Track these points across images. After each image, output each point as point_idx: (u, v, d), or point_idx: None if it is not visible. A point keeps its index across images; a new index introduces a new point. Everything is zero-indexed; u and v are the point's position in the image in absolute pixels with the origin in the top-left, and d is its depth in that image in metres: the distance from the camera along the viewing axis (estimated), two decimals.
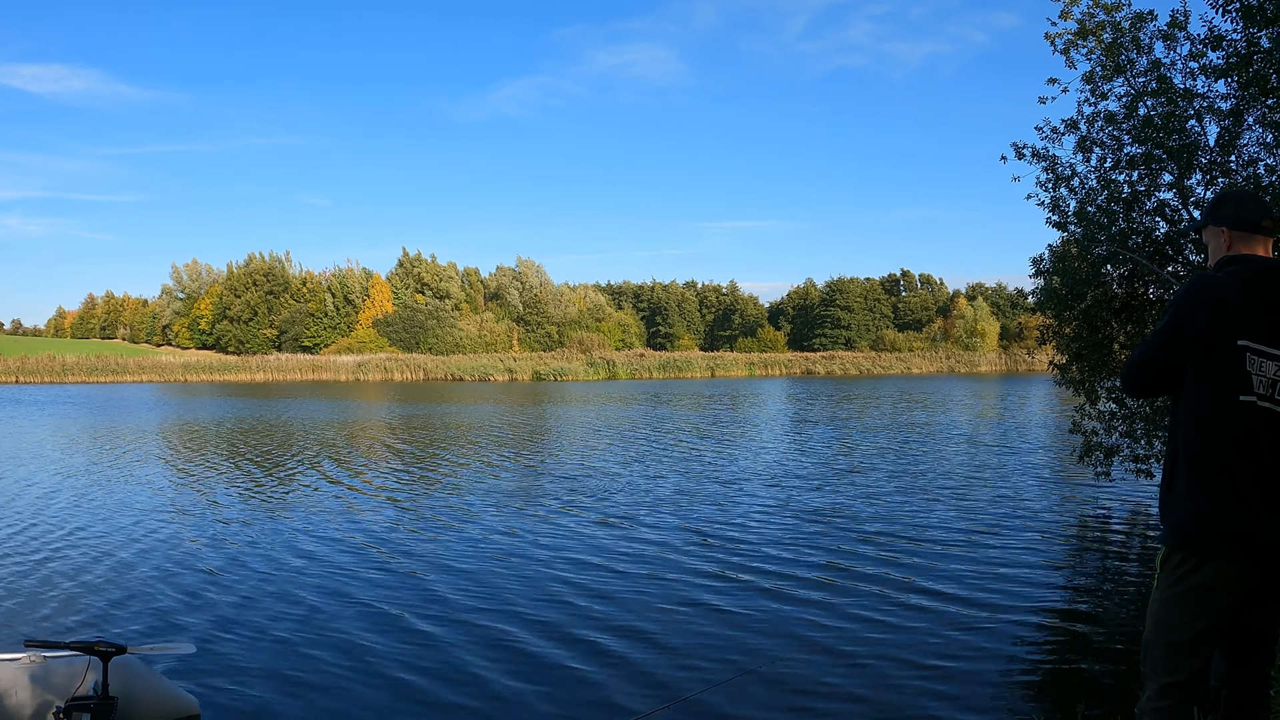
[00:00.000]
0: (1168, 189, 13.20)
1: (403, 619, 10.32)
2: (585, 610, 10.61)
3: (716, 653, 9.13)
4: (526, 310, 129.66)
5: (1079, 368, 15.07)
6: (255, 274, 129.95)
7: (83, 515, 16.58)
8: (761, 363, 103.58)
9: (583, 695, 8.13)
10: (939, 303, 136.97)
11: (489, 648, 9.36)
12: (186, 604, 10.93)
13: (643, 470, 22.19)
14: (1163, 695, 3.61)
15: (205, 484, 20.47)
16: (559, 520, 15.81)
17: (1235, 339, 3.52)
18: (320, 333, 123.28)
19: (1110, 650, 9.24)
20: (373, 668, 8.80)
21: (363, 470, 22.89)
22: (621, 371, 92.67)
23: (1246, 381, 3.50)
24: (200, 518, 16.34)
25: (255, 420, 38.88)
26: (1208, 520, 3.50)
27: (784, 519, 15.77)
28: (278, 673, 8.66)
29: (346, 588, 11.66)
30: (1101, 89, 13.51)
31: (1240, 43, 11.56)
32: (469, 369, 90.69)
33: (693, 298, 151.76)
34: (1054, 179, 14.19)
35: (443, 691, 8.21)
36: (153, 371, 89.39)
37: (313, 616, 10.44)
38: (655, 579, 11.91)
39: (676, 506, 17.05)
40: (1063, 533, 14.89)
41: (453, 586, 11.68)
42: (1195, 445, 3.60)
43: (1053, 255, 15.27)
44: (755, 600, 10.91)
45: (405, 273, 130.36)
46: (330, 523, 15.81)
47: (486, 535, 14.63)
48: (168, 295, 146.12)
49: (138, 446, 28.54)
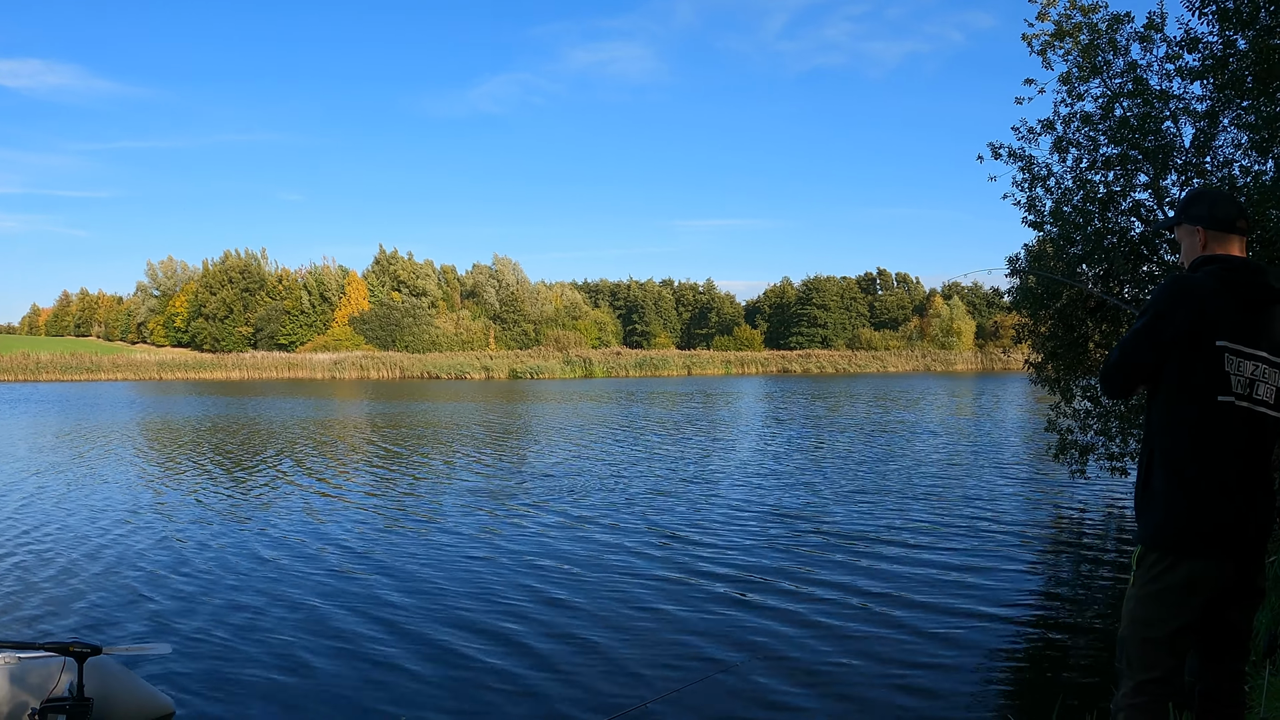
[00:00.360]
0: (1143, 189, 13.27)
1: (377, 620, 10.29)
2: (549, 614, 10.55)
3: (678, 660, 9.00)
4: (503, 308, 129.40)
5: (1054, 366, 15.12)
6: (231, 271, 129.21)
7: (55, 514, 16.45)
8: (738, 361, 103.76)
9: (547, 697, 8.11)
10: (915, 301, 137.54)
11: (463, 644, 9.34)
12: (161, 604, 10.85)
13: (612, 470, 22.17)
14: (1139, 692, 3.63)
15: (179, 484, 20.34)
16: (526, 521, 15.78)
17: (1214, 339, 3.53)
18: (296, 330, 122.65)
19: (1086, 649, 9.30)
20: (347, 667, 8.77)
21: (335, 470, 22.80)
22: (598, 370, 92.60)
23: (1225, 381, 3.53)
24: (174, 518, 16.23)
25: (229, 419, 38.65)
26: (1185, 520, 3.52)
27: (753, 520, 15.74)
28: (252, 672, 8.61)
29: (320, 588, 11.61)
30: (1078, 90, 13.57)
31: (1216, 45, 11.64)
32: (445, 367, 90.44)
33: (669, 296, 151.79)
34: (1030, 179, 14.23)
35: (411, 691, 8.19)
36: (128, 369, 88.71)
37: (287, 616, 10.39)
38: (619, 582, 11.81)
39: (645, 508, 17.02)
40: (1038, 531, 14.98)
41: (422, 588, 11.65)
42: (1174, 445, 3.62)
43: (1029, 255, 15.33)
44: (720, 606, 10.78)
45: (382, 270, 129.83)
46: (304, 523, 15.73)
47: (459, 538, 14.59)
48: (143, 292, 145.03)
49: (110, 445, 28.33)
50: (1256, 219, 10.20)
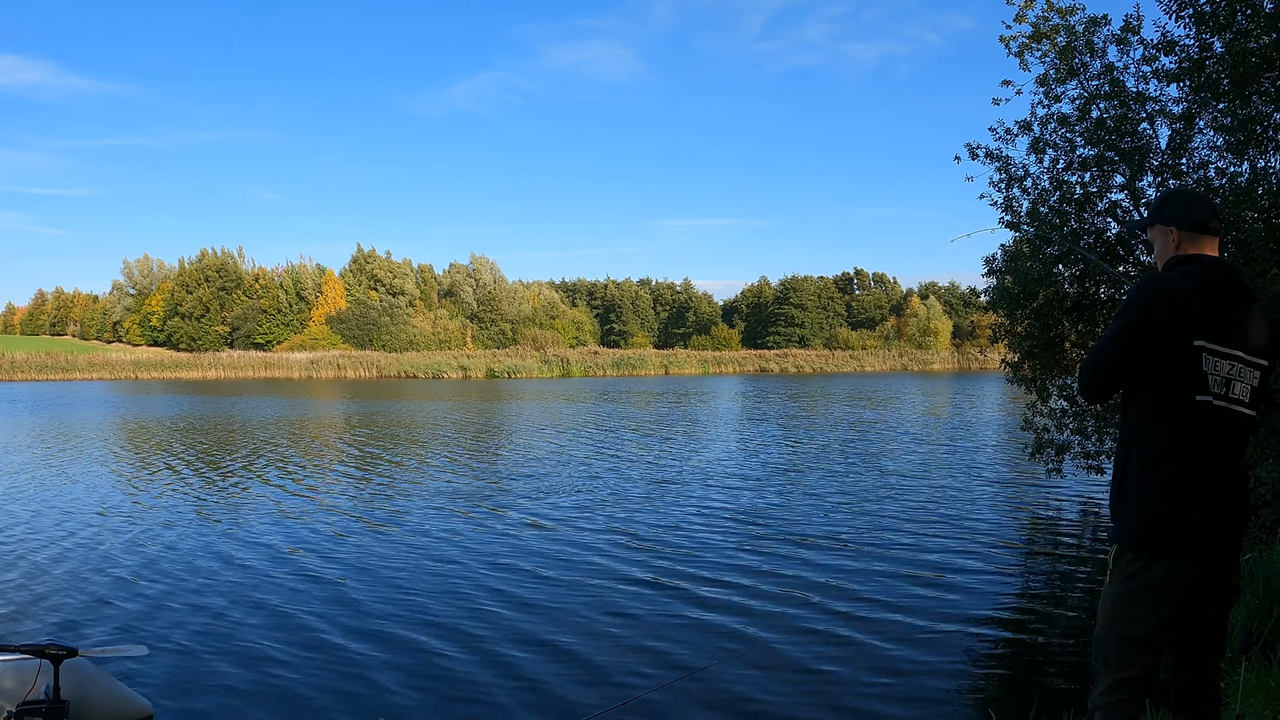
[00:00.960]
0: (1120, 190, 13.36)
1: (350, 621, 10.26)
2: (519, 617, 10.54)
3: (647, 664, 8.96)
4: (480, 307, 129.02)
5: (1030, 366, 15.21)
6: (207, 270, 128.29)
7: (23, 515, 16.33)
8: (715, 360, 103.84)
9: (519, 700, 8.10)
10: (892, 301, 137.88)
11: (435, 645, 9.32)
12: (136, 605, 10.78)
13: (584, 470, 22.16)
14: (1116, 690, 3.63)
15: (152, 485, 20.20)
16: (498, 523, 15.77)
17: (1192, 339, 3.55)
18: (273, 329, 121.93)
19: (1063, 648, 9.34)
20: (323, 668, 8.74)
21: (309, 472, 22.69)
22: (576, 369, 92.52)
23: (1203, 381, 3.54)
24: (146, 519, 16.11)
25: (204, 419, 38.41)
26: (1161, 520, 3.53)
27: (724, 521, 15.72)
28: (229, 674, 8.58)
29: (294, 589, 11.57)
30: (1055, 91, 13.65)
31: (1193, 48, 11.73)
32: (422, 366, 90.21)
33: (647, 295, 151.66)
34: (1007, 179, 14.32)
35: (384, 693, 8.18)
36: (103, 369, 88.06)
37: (263, 618, 10.35)
38: (588, 583, 11.77)
39: (615, 508, 17.00)
40: (1014, 530, 15.05)
41: (394, 589, 11.63)
42: (1150, 444, 3.63)
43: (1005, 255, 15.40)
44: (690, 608, 10.71)
45: (359, 269, 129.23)
46: (278, 524, 15.67)
47: (430, 539, 14.56)
48: (119, 291, 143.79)
49: (84, 446, 28.11)
50: (1232, 221, 10.28)
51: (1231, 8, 10.83)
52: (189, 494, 18.73)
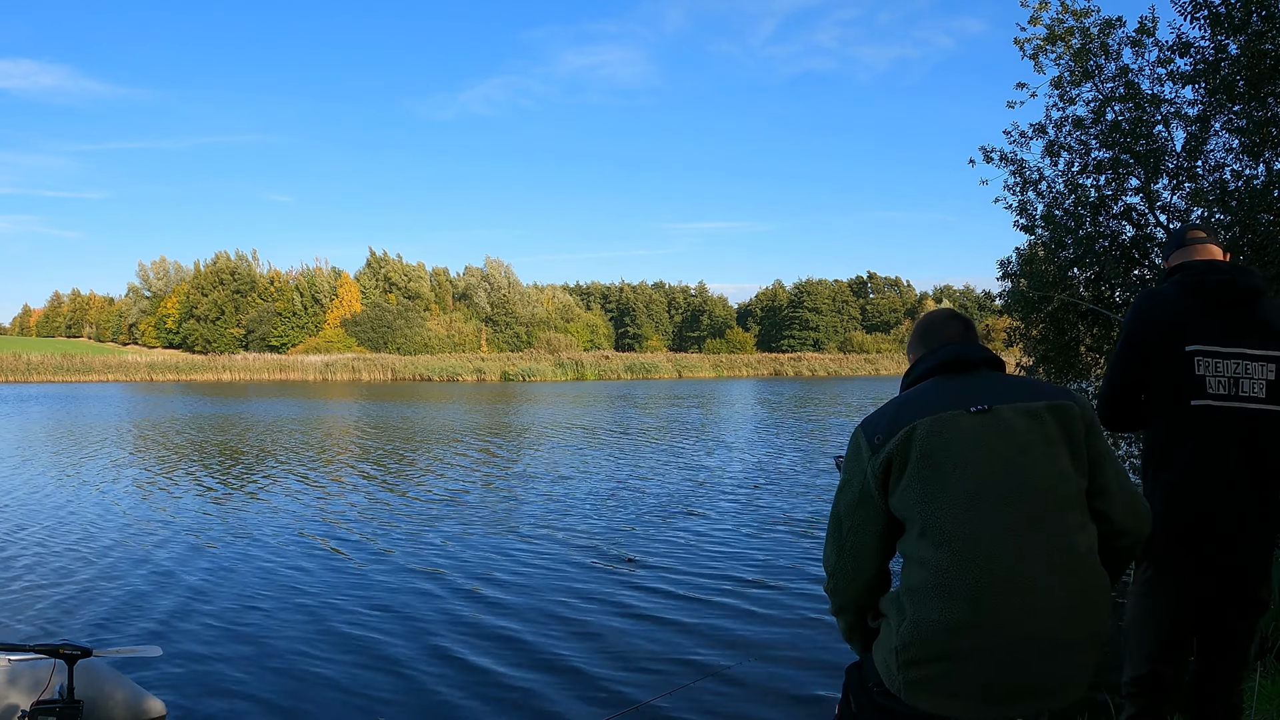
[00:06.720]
0: (1135, 193, 13.29)
1: (368, 622, 10.26)
2: (547, 626, 10.55)
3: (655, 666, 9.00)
4: (495, 310, 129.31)
5: (1045, 370, 15.14)
6: (222, 272, 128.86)
7: (42, 516, 16.38)
8: (729, 364, 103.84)
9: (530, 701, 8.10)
10: (906, 305, 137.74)
11: (458, 647, 9.32)
12: (151, 606, 10.80)
13: (607, 476, 22.17)
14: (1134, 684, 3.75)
15: (167, 486, 20.27)
16: (517, 527, 15.78)
17: (1183, 345, 3.57)
18: (288, 332, 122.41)
19: None
20: (338, 669, 8.74)
21: (325, 474, 22.74)
22: (590, 373, 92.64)
23: (1199, 385, 3.55)
24: (162, 520, 16.16)
25: (220, 420, 38.54)
26: (1160, 524, 3.49)
27: (747, 523, 15.73)
28: (244, 674, 8.58)
29: (311, 590, 11.57)
30: (1070, 94, 13.58)
31: (1208, 49, 11.66)
32: (437, 369, 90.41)
33: (661, 299, 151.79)
34: (1022, 182, 14.25)
35: (400, 694, 8.17)
36: (119, 371, 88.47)
37: (279, 618, 10.35)
38: (587, 590, 11.74)
39: (615, 515, 17.01)
40: None
41: (412, 590, 11.63)
42: (1150, 451, 3.70)
43: (1020, 258, 15.33)
44: (690, 610, 10.77)
45: (374, 272, 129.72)
46: (295, 526, 15.68)
47: (455, 545, 14.58)
48: (134, 294, 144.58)
49: (99, 447, 28.22)
50: (1247, 224, 10.23)
51: (1247, 8, 10.77)
52: (204, 496, 18.78)
